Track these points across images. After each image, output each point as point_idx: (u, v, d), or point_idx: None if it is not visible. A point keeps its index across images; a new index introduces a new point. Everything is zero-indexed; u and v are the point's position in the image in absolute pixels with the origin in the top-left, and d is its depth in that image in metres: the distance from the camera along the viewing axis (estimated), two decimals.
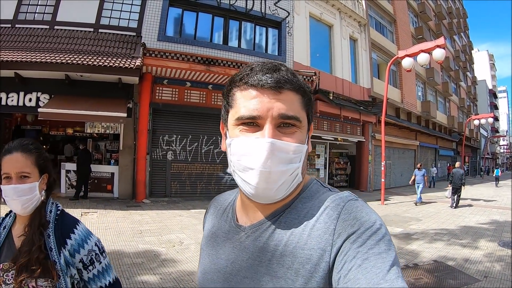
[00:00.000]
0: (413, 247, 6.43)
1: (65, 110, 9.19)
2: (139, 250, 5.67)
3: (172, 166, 11.12)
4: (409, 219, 9.40)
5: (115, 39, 10.92)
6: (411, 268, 5.17)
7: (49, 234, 1.25)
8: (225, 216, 0.88)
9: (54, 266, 1.20)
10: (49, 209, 1.32)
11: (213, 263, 0.82)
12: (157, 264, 5.04)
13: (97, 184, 10.51)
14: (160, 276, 4.53)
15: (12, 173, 1.24)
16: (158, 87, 10.95)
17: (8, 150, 1.27)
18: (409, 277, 4.77)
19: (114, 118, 9.64)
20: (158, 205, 9.73)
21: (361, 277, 0.58)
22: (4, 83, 9.68)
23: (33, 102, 9.90)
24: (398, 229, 8.07)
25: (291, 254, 0.68)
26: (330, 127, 15.02)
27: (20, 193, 1.23)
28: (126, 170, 10.57)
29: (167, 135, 11.06)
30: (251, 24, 12.72)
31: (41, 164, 1.31)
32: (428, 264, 5.40)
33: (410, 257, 5.76)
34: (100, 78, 9.95)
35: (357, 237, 0.63)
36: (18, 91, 9.85)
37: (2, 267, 1.24)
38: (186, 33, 11.87)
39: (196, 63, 10.09)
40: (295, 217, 0.73)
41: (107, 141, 11.56)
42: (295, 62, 12.97)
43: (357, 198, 0.73)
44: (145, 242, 6.15)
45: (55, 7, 11.00)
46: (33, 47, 10.14)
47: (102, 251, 1.32)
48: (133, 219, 7.92)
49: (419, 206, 12.16)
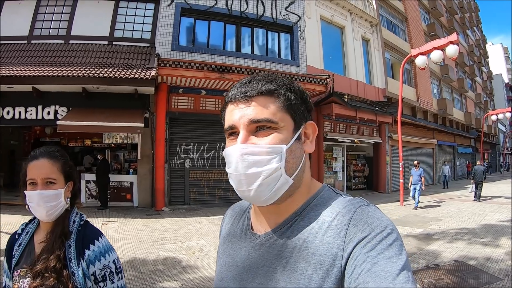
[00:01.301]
0: (433, 248, 6.35)
1: (83, 122, 9.41)
2: (160, 257, 5.74)
3: (190, 174, 11.20)
4: (429, 219, 9.26)
5: (130, 50, 11.12)
6: (432, 269, 5.12)
7: (70, 245, 1.24)
8: (241, 224, 0.90)
9: (70, 277, 1.18)
10: (73, 219, 1.31)
11: (230, 271, 0.84)
12: (178, 270, 5.09)
13: (116, 194, 10.68)
14: (181, 283, 4.57)
15: (38, 179, 1.24)
16: (174, 96, 11.07)
17: (35, 156, 1.27)
18: (430, 278, 4.71)
19: (131, 129, 9.80)
20: (178, 213, 9.80)
21: (370, 280, 0.59)
22: (23, 97, 9.99)
23: (52, 115, 10.18)
24: (418, 230, 7.95)
25: (304, 260, 0.69)
26: (346, 129, 14.91)
27: (45, 199, 1.23)
28: (145, 179, 10.70)
29: (184, 144, 11.16)
30: (263, 30, 12.76)
31: (67, 171, 1.32)
32: (449, 264, 5.35)
33: (430, 258, 5.71)
34: (117, 90, 10.12)
35: (368, 242, 0.64)
36: (37, 105, 10.14)
37: (20, 273, 1.24)
38: (199, 41, 11.99)
39: (210, 71, 10.16)
40: (307, 224, 0.74)
41: (125, 151, 11.75)
42: (308, 66, 12.94)
43: (369, 203, 0.74)
44: (166, 249, 6.22)
45: (69, 22, 11.30)
46: (49, 62, 10.41)
47: (118, 271, 1.27)
48: (153, 227, 8.01)
49: (439, 205, 11.89)
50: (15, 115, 10.11)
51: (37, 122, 10.75)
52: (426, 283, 4.55)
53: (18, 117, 10.13)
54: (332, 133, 14.04)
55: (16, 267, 1.27)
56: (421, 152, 20.74)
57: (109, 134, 10.97)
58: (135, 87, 9.95)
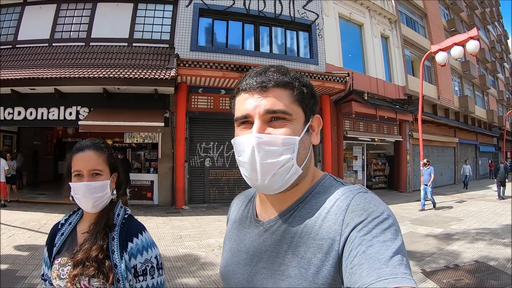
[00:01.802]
0: (454, 248, 6.25)
1: (104, 122, 9.59)
2: (179, 254, 5.82)
3: (210, 173, 11.26)
4: (450, 219, 9.07)
5: (149, 51, 11.28)
6: (452, 269, 5.03)
7: (114, 237, 1.23)
8: (246, 211, 0.94)
9: (112, 269, 1.17)
10: (117, 212, 1.31)
11: (235, 256, 0.88)
12: (197, 267, 5.14)
13: (137, 192, 10.82)
14: (199, 279, 4.64)
15: (84, 171, 1.24)
16: (193, 96, 11.17)
17: (80, 148, 1.27)
18: (449, 278, 4.63)
19: (151, 128, 9.94)
20: (197, 211, 9.88)
21: (364, 262, 0.61)
22: (45, 98, 10.28)
23: (73, 115, 10.42)
24: (439, 230, 7.81)
25: (305, 244, 0.72)
26: (366, 127, 14.72)
27: (92, 190, 1.23)
28: (165, 178, 10.82)
29: (204, 143, 11.24)
30: (281, 29, 12.72)
31: (112, 163, 1.32)
32: (469, 264, 5.26)
33: (450, 258, 5.62)
34: (137, 90, 10.29)
35: (364, 226, 0.66)
36: (59, 105, 10.41)
37: (60, 261, 1.24)
38: (217, 41, 12.06)
39: (230, 71, 10.22)
40: (308, 211, 0.77)
41: (146, 150, 11.88)
42: (327, 64, 12.82)
43: (367, 190, 0.77)
44: (185, 246, 6.30)
45: (89, 24, 11.56)
46: (70, 64, 10.66)
47: (160, 267, 1.27)
48: (173, 224, 8.11)
49: (461, 205, 11.57)
50: (37, 116, 10.42)
51: (59, 123, 11.02)
52: (445, 283, 4.46)
53: (41, 117, 10.43)
54: (352, 132, 13.87)
55: (57, 255, 1.27)
56: (443, 151, 20.26)
57: (130, 134, 11.16)
58: (155, 87, 10.08)
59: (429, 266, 5.19)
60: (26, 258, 5.37)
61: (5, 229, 7.07)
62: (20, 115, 10.40)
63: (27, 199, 10.81)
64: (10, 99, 10.21)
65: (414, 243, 6.67)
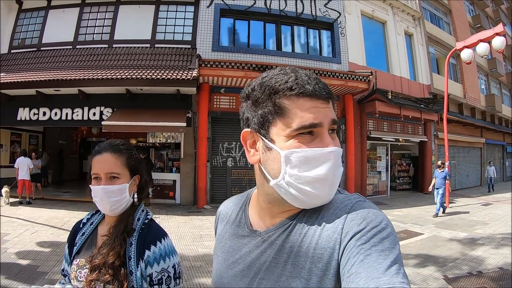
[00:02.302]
0: (478, 253, 6.02)
1: (127, 122, 9.73)
2: (198, 253, 5.84)
3: (232, 173, 11.25)
4: (475, 223, 8.76)
5: (171, 52, 11.39)
6: (475, 276, 4.85)
7: (132, 242, 1.20)
8: (237, 221, 0.90)
9: (127, 276, 1.14)
10: (138, 217, 1.27)
11: (230, 268, 0.84)
12: None
13: (160, 191, 10.96)
14: None
15: (102, 174, 1.22)
16: (215, 96, 11.19)
17: (99, 151, 1.25)
18: (472, 285, 4.49)
19: (174, 128, 10.01)
20: None
21: (362, 271, 0.60)
22: (69, 99, 10.52)
23: (97, 116, 10.61)
24: (463, 234, 7.54)
25: (305, 255, 0.71)
26: (390, 127, 14.40)
27: (109, 194, 1.21)
28: (188, 178, 10.89)
29: (227, 143, 11.23)
30: (303, 28, 12.58)
31: (132, 165, 1.28)
32: (493, 271, 5.06)
33: (474, 264, 5.42)
34: (159, 91, 10.40)
35: (362, 235, 0.65)
36: (83, 106, 10.63)
37: (79, 263, 1.22)
38: (239, 41, 12.05)
39: (251, 71, 10.18)
40: (307, 220, 0.75)
41: (168, 150, 12.00)
42: (350, 63, 12.61)
43: (365, 199, 0.76)
44: (205, 246, 6.31)
45: (112, 26, 11.79)
46: (94, 65, 10.90)
47: (177, 276, 1.21)
48: (193, 224, 8.15)
49: (486, 208, 11.13)
50: (62, 116, 10.68)
51: (83, 123, 11.29)
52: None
53: (65, 118, 10.68)
54: (376, 132, 13.58)
55: (76, 255, 1.26)
56: (469, 152, 19.66)
57: (152, 134, 11.30)
58: (177, 87, 10.17)
59: (452, 272, 5.04)
60: (48, 254, 5.48)
61: (29, 226, 7.26)
62: (45, 115, 10.68)
63: (51, 196, 11.10)
64: (35, 100, 10.50)
65: (438, 247, 6.48)
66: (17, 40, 12.35)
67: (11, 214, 8.29)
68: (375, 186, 14.12)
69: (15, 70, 11.13)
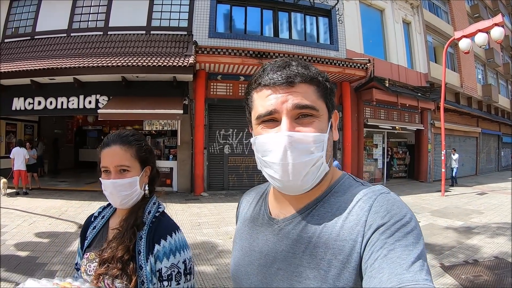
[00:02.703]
0: (473, 242, 6.06)
1: (123, 110, 9.66)
2: (197, 241, 5.82)
3: (229, 160, 11.25)
4: (471, 212, 8.80)
5: (167, 39, 11.25)
6: (471, 264, 4.89)
7: (141, 236, 1.16)
8: (258, 209, 0.90)
9: (136, 270, 1.11)
10: (148, 210, 1.23)
11: (247, 255, 0.84)
12: (214, 255, 5.14)
13: None
14: (216, 267, 4.63)
15: (111, 167, 1.18)
16: (212, 83, 11.12)
17: (107, 143, 1.21)
18: (468, 274, 4.51)
19: (170, 115, 9.95)
20: (216, 198, 9.91)
21: (385, 266, 0.59)
22: (64, 88, 10.40)
23: (93, 104, 10.51)
24: (459, 222, 7.59)
25: (324, 245, 0.70)
26: (387, 115, 14.41)
27: (119, 188, 1.17)
28: (185, 165, 10.87)
29: (223, 130, 11.21)
30: (301, 14, 12.46)
31: (142, 157, 1.23)
32: (488, 260, 5.09)
33: (470, 253, 5.45)
34: (155, 78, 10.32)
35: (386, 228, 0.64)
36: (78, 94, 10.52)
37: (89, 256, 1.20)
38: (236, 28, 11.92)
39: (248, 57, 10.11)
40: (328, 210, 0.74)
41: (165, 137, 11.94)
42: (348, 50, 12.55)
43: (389, 191, 0.74)
44: (203, 234, 6.31)
45: (106, 13, 11.60)
46: (89, 53, 10.77)
47: (188, 272, 1.15)
48: (191, 211, 8.13)
49: (482, 197, 11.23)
50: (57, 105, 10.57)
51: (79, 111, 11.23)
52: (463, 279, 4.34)
53: (61, 107, 10.57)
54: (373, 119, 13.59)
55: (87, 249, 1.24)
56: (465, 141, 19.75)
57: (149, 121, 11.24)
58: (174, 74, 10.08)
59: (448, 260, 5.08)
60: (46, 245, 5.45)
61: (27, 216, 7.21)
62: (40, 104, 10.58)
63: (48, 186, 11.06)
64: (30, 89, 10.39)
65: (434, 235, 6.52)
66: (11, 29, 12.15)
67: (8, 205, 8.23)
68: (371, 174, 14.19)
69: (9, 60, 10.98)
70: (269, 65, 0.76)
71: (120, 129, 6.24)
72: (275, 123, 0.73)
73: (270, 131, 0.73)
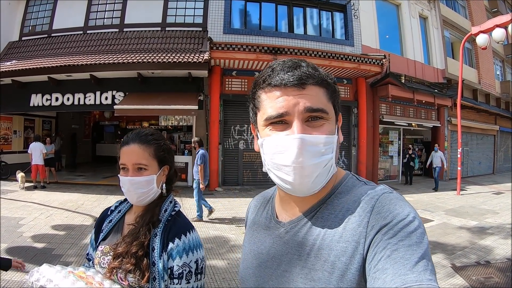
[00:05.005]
0: (486, 243, 5.93)
1: (139, 105, 9.79)
2: (210, 236, 5.88)
3: (244, 155, 11.30)
4: (486, 212, 8.59)
5: (182, 35, 11.34)
6: (482, 266, 4.79)
7: (156, 234, 1.18)
8: (265, 213, 0.92)
9: (149, 266, 1.13)
10: (165, 208, 1.25)
11: (255, 259, 0.86)
12: (226, 249, 5.19)
13: None
14: (228, 261, 4.67)
15: (129, 165, 1.20)
16: (227, 79, 11.17)
17: (126, 141, 1.24)
18: (478, 275, 4.43)
19: (186, 111, 10.03)
20: (230, 193, 9.98)
21: (389, 267, 0.59)
22: (81, 84, 10.59)
23: (109, 100, 10.67)
24: (473, 222, 7.43)
25: (328, 247, 0.70)
26: (403, 112, 14.23)
27: (136, 185, 1.19)
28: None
29: (238, 125, 11.27)
30: (316, 10, 12.40)
31: (160, 156, 1.25)
32: (501, 262, 4.97)
33: (482, 254, 5.34)
34: (171, 74, 10.38)
35: (389, 229, 0.64)
36: (95, 91, 10.69)
37: (103, 249, 1.22)
38: (251, 24, 11.94)
39: (263, 53, 10.13)
40: (331, 212, 0.75)
41: (180, 132, 12.11)
42: (363, 46, 12.43)
43: (392, 191, 0.74)
44: (216, 228, 6.39)
45: (122, 11, 11.76)
46: (105, 50, 10.95)
47: (199, 272, 1.17)
48: None
49: (498, 197, 10.95)
50: (74, 101, 10.77)
51: (95, 107, 11.41)
52: (474, 280, 4.26)
53: (78, 103, 10.77)
54: (388, 116, 13.42)
55: (102, 241, 1.27)
56: (482, 139, 19.28)
57: (165, 117, 11.37)
58: (189, 70, 10.11)
59: (460, 260, 5.00)
60: (63, 237, 5.58)
61: (44, 210, 7.38)
62: (58, 101, 10.79)
63: (65, 180, 11.30)
64: (48, 86, 10.61)
65: (447, 235, 6.43)
66: (28, 27, 12.44)
67: (26, 198, 8.43)
68: (386, 171, 14.03)
69: (27, 57, 11.24)
70: (278, 65, 0.75)
71: (136, 124, 6.34)
72: (284, 125, 0.73)
73: (279, 133, 0.73)
